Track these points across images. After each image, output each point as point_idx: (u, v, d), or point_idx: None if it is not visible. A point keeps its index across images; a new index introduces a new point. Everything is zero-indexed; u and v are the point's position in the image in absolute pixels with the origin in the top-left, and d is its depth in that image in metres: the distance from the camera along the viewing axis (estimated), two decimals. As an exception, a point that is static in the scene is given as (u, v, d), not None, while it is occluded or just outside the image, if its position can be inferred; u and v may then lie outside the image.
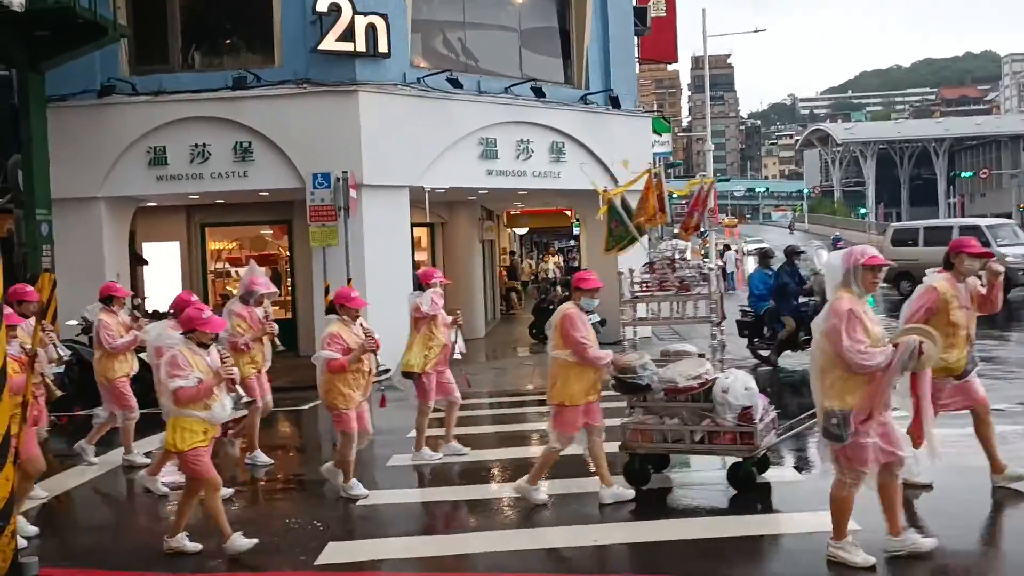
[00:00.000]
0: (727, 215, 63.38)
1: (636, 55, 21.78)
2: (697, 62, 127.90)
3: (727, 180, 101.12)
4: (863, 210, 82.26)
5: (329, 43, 13.98)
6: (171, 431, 6.15)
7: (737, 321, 14.25)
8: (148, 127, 14.37)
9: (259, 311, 8.82)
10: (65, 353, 8.69)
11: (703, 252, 34.62)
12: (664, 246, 8.11)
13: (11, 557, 5.69)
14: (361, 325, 7.45)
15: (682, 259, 7.91)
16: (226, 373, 6.15)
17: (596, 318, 18.34)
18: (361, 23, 14.05)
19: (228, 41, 16.01)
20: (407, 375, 8.84)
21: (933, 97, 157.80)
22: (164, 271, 17.37)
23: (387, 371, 7.46)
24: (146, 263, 17.41)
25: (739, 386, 6.96)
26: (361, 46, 14.09)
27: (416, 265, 17.22)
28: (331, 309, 7.53)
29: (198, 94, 14.40)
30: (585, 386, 6.90)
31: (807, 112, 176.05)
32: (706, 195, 8.56)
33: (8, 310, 6.62)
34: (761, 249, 14.82)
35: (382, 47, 14.27)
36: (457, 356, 9.04)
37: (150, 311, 15.02)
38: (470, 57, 16.78)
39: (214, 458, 6.37)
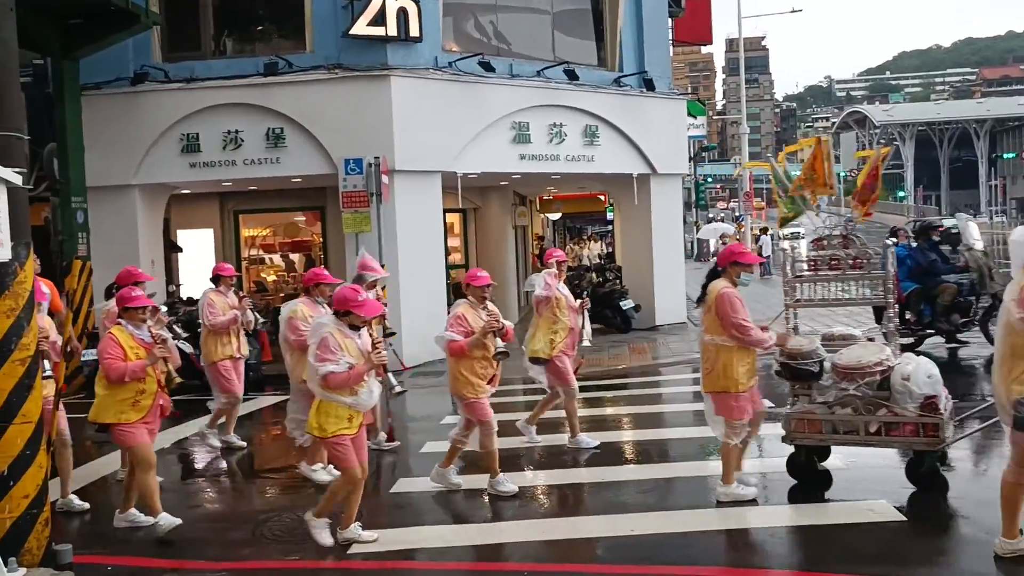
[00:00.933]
0: (761, 198, 62.61)
1: (670, 37, 21.49)
2: (732, 44, 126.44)
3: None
4: (901, 193, 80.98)
5: (360, 28, 13.91)
6: (315, 415, 5.95)
7: (874, 307, 13.68)
8: (181, 114, 14.42)
9: (370, 295, 8.81)
10: (182, 335, 8.85)
11: (737, 237, 34.24)
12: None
13: (45, 544, 5.70)
14: (487, 308, 7.16)
15: (855, 235, 7.34)
16: (378, 359, 5.92)
17: (630, 303, 17.90)
18: (392, 7, 13.96)
19: (259, 27, 16.02)
20: (535, 361, 8.53)
21: (974, 77, 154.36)
22: (198, 258, 17.44)
23: (504, 354, 7.12)
24: (180, 250, 17.51)
25: (921, 374, 6.46)
26: (392, 30, 14.00)
27: (448, 251, 17.14)
28: (459, 292, 7.30)
29: (230, 80, 14.40)
30: (748, 369, 6.57)
31: (844, 94, 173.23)
32: (877, 168, 8.05)
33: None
34: (893, 227, 14.35)
35: (413, 31, 14.16)
36: (585, 343, 8.79)
37: (184, 298, 15.11)
38: (502, 40, 16.61)
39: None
